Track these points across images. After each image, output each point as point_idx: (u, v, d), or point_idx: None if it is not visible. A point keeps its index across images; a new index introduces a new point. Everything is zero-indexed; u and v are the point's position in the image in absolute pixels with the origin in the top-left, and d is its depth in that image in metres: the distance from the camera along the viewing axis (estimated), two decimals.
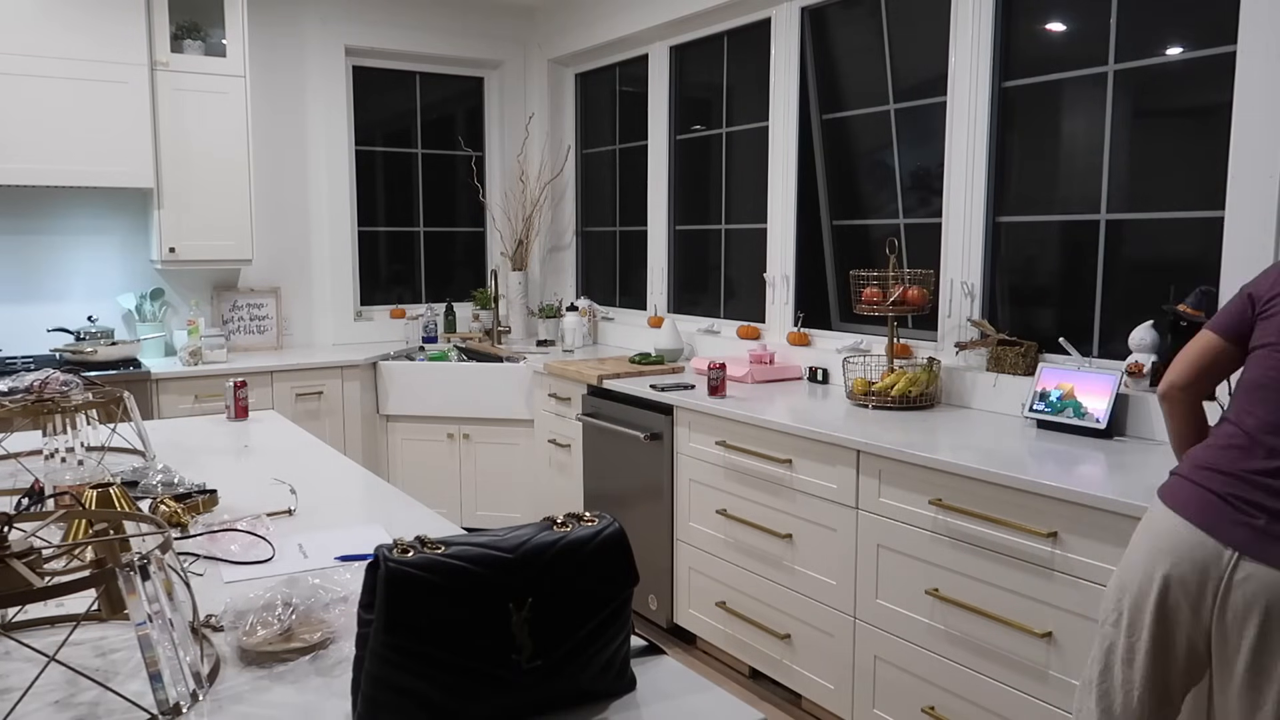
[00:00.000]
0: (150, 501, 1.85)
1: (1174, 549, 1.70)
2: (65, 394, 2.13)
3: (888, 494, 2.59)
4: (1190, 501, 1.71)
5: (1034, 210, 3.04)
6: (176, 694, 1.09)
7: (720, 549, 3.23)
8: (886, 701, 2.66)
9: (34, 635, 1.34)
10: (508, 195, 5.47)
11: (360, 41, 4.95)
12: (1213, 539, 1.66)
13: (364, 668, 1.05)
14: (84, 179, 4.03)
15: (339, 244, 4.99)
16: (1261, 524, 1.62)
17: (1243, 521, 1.64)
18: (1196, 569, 1.67)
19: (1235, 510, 1.66)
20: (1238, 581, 1.63)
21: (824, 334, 3.78)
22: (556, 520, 1.17)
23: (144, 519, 1.30)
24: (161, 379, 4.04)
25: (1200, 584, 1.67)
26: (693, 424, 3.31)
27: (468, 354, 4.94)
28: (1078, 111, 2.91)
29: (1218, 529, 1.66)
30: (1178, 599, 1.70)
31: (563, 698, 1.12)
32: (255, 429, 2.83)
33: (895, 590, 2.60)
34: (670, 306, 4.66)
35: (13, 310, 4.29)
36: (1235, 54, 2.40)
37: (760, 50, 3.98)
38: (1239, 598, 1.62)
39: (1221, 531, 1.66)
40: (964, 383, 3.12)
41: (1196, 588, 1.67)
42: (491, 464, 4.46)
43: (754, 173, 4.10)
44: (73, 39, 3.95)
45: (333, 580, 1.37)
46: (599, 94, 5.23)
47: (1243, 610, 1.62)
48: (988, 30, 3.06)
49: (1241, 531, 1.64)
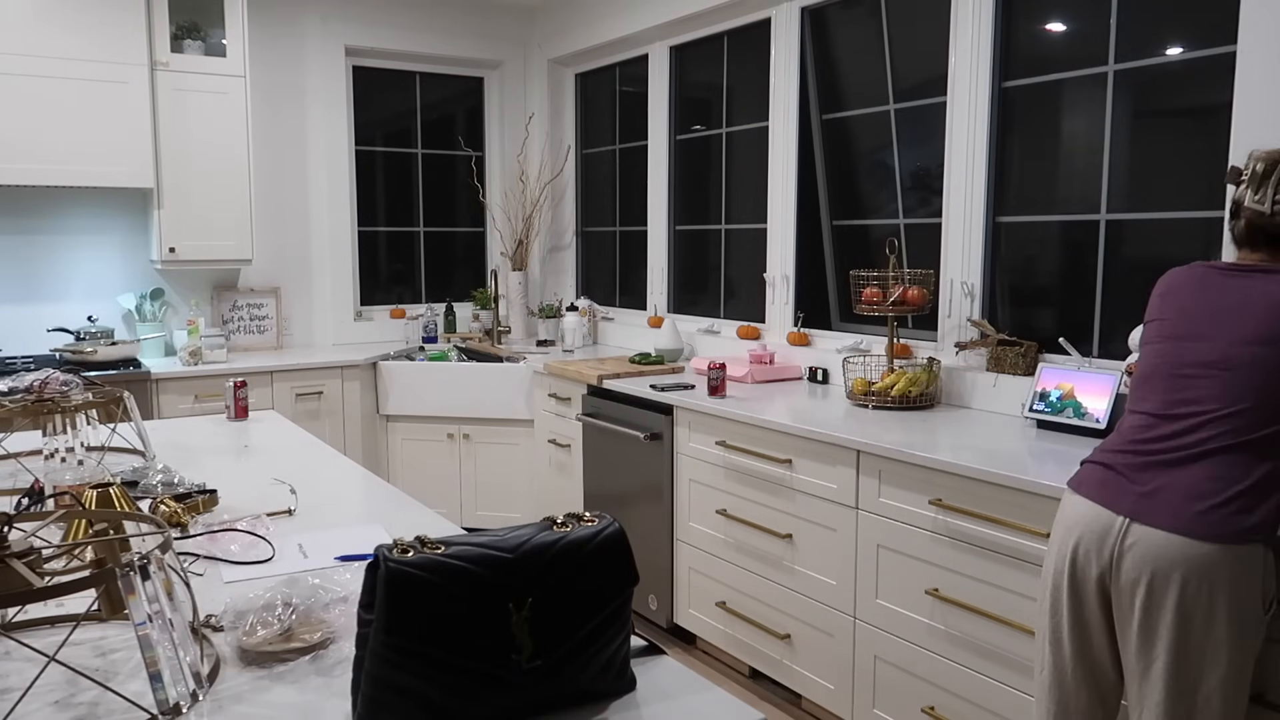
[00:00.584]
0: (150, 501, 1.85)
1: (1076, 527, 1.83)
2: (65, 394, 2.13)
3: (888, 494, 2.59)
4: (1089, 481, 1.86)
5: (1034, 210, 3.04)
6: (176, 694, 1.09)
7: (720, 549, 3.23)
8: (886, 701, 2.66)
9: (34, 635, 1.34)
10: (508, 195, 5.47)
11: (360, 41, 4.95)
12: (1108, 510, 1.79)
13: (364, 668, 1.05)
14: (84, 179, 4.03)
15: (339, 244, 4.99)
16: (1147, 490, 1.75)
17: (1131, 490, 1.77)
18: (1096, 540, 1.80)
19: (1127, 481, 1.79)
20: (1128, 547, 1.74)
21: (824, 334, 3.78)
22: (556, 520, 1.17)
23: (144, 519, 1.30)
24: (161, 379, 4.04)
25: (1100, 553, 1.79)
26: (693, 424, 3.31)
27: (468, 354, 4.94)
28: (1078, 111, 2.91)
29: (1111, 501, 1.79)
30: (1084, 572, 1.82)
31: (563, 698, 1.12)
32: (255, 429, 2.83)
33: (895, 590, 2.60)
34: (670, 306, 4.66)
35: (13, 310, 4.29)
36: (1235, 54, 2.40)
37: (760, 50, 3.98)
38: (1129, 561, 1.74)
39: (1114, 502, 1.78)
40: (964, 383, 3.12)
41: (1096, 558, 1.80)
42: (491, 464, 4.46)
43: (754, 173, 4.10)
44: (73, 39, 3.95)
45: (333, 580, 1.37)
46: (599, 94, 5.23)
47: (1133, 573, 1.73)
48: (988, 30, 3.06)
49: (1129, 499, 1.76)
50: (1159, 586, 1.69)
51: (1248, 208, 1.87)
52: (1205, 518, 1.67)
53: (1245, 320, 1.77)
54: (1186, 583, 1.67)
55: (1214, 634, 1.66)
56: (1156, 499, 1.73)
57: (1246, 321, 1.77)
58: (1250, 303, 1.79)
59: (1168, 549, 1.69)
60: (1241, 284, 1.82)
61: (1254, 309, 1.77)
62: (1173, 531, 1.68)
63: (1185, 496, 1.70)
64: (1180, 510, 1.69)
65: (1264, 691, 1.79)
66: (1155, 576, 1.70)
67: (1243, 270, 1.85)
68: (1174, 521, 1.69)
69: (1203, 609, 1.66)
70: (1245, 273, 1.84)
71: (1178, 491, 1.71)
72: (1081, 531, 1.82)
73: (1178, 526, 1.68)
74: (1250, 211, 1.86)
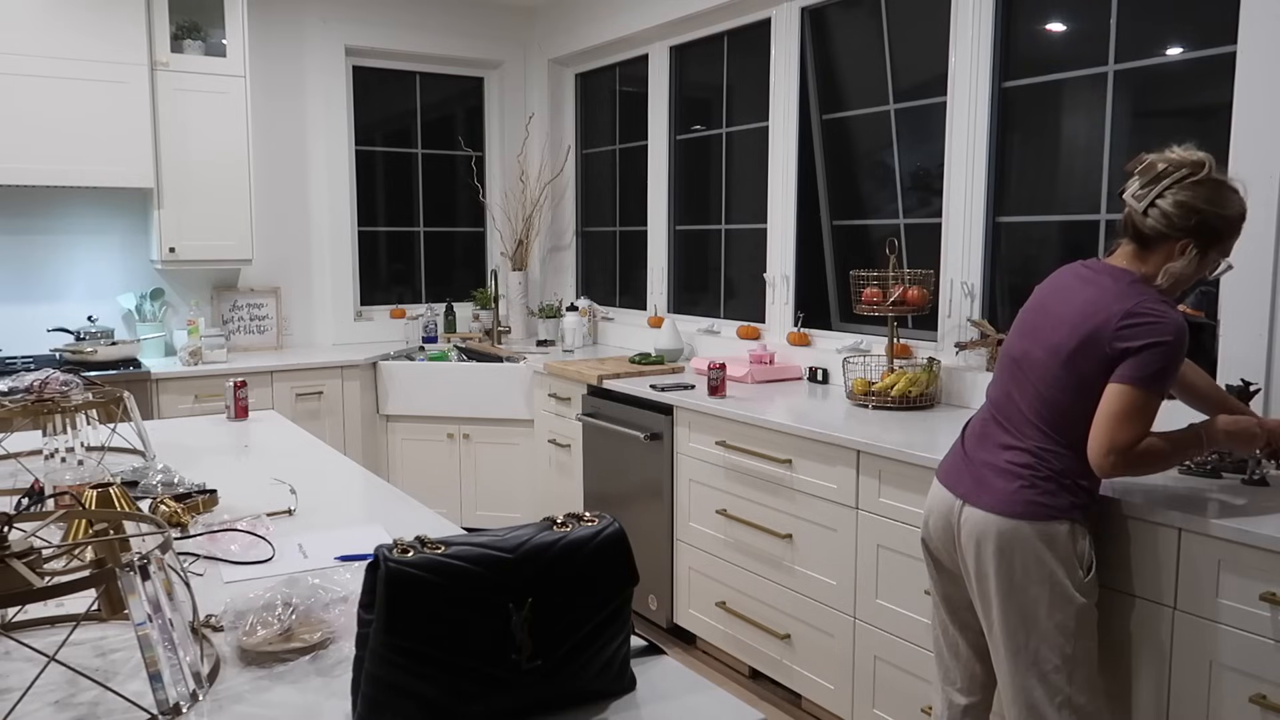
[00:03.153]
0: (150, 501, 1.85)
1: (932, 508, 2.09)
2: (65, 394, 2.13)
3: (888, 494, 2.59)
4: (944, 464, 2.11)
5: (1034, 210, 3.04)
6: (176, 694, 1.09)
7: (720, 549, 3.23)
8: (886, 701, 2.66)
9: (34, 635, 1.34)
10: (508, 195, 5.47)
11: (360, 41, 4.95)
12: (950, 492, 2.03)
13: (364, 668, 1.05)
14: (84, 179, 4.03)
15: (339, 244, 4.99)
16: (976, 474, 1.98)
17: (966, 473, 2.00)
18: (942, 517, 2.04)
19: (964, 464, 2.02)
20: (962, 523, 1.98)
21: (824, 334, 3.78)
22: (556, 520, 1.17)
23: (144, 519, 1.30)
24: (161, 379, 4.04)
25: (946, 530, 2.04)
26: (693, 424, 3.31)
27: (468, 354, 4.94)
28: (1078, 111, 2.91)
29: (952, 483, 2.03)
30: (937, 547, 2.09)
31: (563, 698, 1.12)
32: (255, 429, 2.83)
33: (895, 590, 2.60)
34: (670, 306, 4.66)
35: (13, 310, 4.29)
36: (1235, 54, 2.40)
37: (760, 50, 3.98)
38: (964, 536, 1.97)
39: (955, 485, 2.02)
40: (964, 383, 3.12)
41: (944, 534, 2.04)
42: (491, 464, 4.46)
43: (754, 173, 4.10)
44: (73, 39, 3.95)
45: (333, 580, 1.37)
46: (599, 94, 5.23)
47: (968, 545, 1.97)
48: (988, 30, 3.06)
49: (964, 483, 2.00)
50: (984, 556, 1.93)
51: (1127, 200, 1.94)
52: (1015, 499, 1.89)
53: (1058, 325, 1.92)
54: (1001, 552, 1.90)
55: (1029, 594, 1.88)
56: (981, 484, 1.96)
57: (1059, 327, 1.92)
58: (1067, 309, 1.93)
59: (988, 525, 1.92)
60: (1080, 287, 1.95)
61: (1067, 316, 1.91)
62: (990, 511, 1.92)
63: (1001, 481, 1.93)
64: (997, 493, 1.92)
65: (1264, 692, 1.80)
66: (980, 548, 1.94)
67: (1094, 271, 1.96)
68: (992, 503, 1.92)
69: (1018, 575, 1.89)
70: (1094, 274, 1.96)
71: (996, 476, 1.94)
72: (932, 508, 2.08)
73: (995, 507, 1.91)
74: (1128, 205, 1.93)
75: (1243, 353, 2.39)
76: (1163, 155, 1.89)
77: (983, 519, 1.93)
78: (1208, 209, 1.84)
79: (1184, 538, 1.90)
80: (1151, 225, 1.88)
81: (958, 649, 2.14)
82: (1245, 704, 1.82)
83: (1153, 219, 1.87)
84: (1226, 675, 1.85)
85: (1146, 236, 1.90)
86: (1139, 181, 1.90)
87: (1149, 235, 1.89)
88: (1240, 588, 1.82)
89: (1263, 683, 1.80)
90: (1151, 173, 1.88)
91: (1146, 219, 1.88)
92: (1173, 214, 1.85)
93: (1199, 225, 1.84)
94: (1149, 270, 1.91)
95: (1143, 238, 1.91)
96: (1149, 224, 1.88)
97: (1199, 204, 1.84)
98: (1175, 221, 1.85)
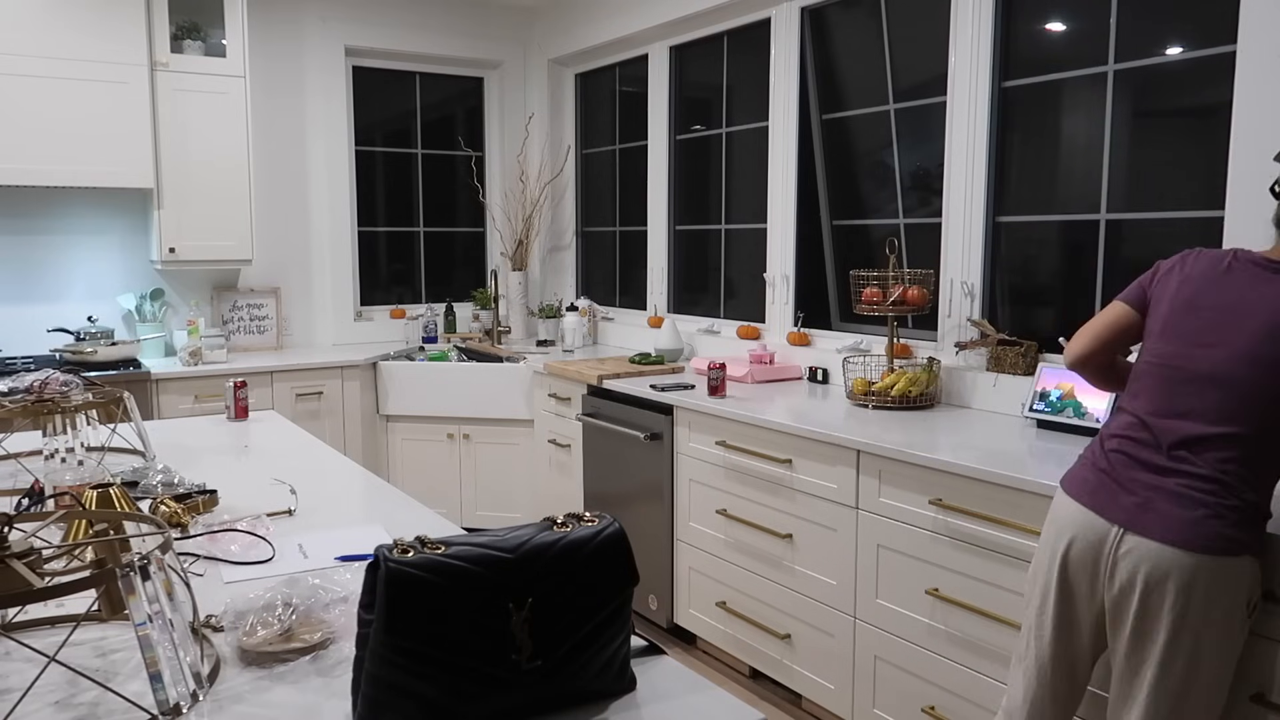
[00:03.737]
0: (150, 501, 1.85)
1: (1070, 530, 1.86)
2: (65, 394, 2.13)
3: (888, 494, 2.59)
4: (1083, 485, 1.87)
5: (1034, 210, 3.04)
6: (176, 694, 1.09)
7: (720, 549, 3.23)
8: (886, 701, 2.66)
9: (34, 635, 1.34)
10: (508, 195, 5.47)
11: (360, 41, 4.95)
12: (1101, 519, 1.81)
13: (364, 668, 1.05)
14: (84, 179, 4.03)
15: (339, 244, 4.99)
16: (1140, 500, 1.77)
17: (1125, 499, 1.78)
18: (1090, 547, 1.82)
19: (1120, 489, 1.80)
20: (1122, 555, 1.77)
21: (824, 334, 3.78)
22: (556, 520, 1.17)
23: (144, 519, 1.30)
24: (161, 379, 4.04)
25: (1094, 560, 1.82)
26: (693, 424, 3.31)
27: (468, 354, 4.94)
28: (1078, 111, 2.91)
29: (1106, 508, 1.81)
30: (1076, 575, 1.85)
31: (563, 698, 1.12)
32: (255, 429, 2.83)
33: (895, 590, 2.60)
34: (670, 306, 4.66)
35: (13, 310, 4.29)
36: (1235, 54, 2.40)
37: (760, 50, 3.98)
38: (1124, 569, 1.76)
39: (1108, 510, 1.80)
40: (964, 383, 3.12)
41: (1091, 564, 1.83)
42: (491, 464, 4.46)
43: (754, 173, 4.10)
44: (73, 39, 3.95)
45: (333, 580, 1.36)
46: (599, 94, 5.23)
47: (1127, 580, 1.76)
48: (988, 30, 3.06)
49: (1122, 508, 1.78)
50: (1154, 593, 1.72)
51: None
52: (1196, 530, 1.69)
53: (1247, 333, 1.73)
54: (1180, 591, 1.70)
55: (1204, 638, 1.70)
56: (1149, 510, 1.74)
57: (1249, 335, 1.73)
58: (1256, 313, 1.74)
59: (1162, 559, 1.71)
60: (1257, 284, 1.76)
61: (1258, 321, 1.73)
62: (1165, 543, 1.71)
63: (1177, 509, 1.72)
64: (1172, 522, 1.71)
65: (1265, 692, 1.80)
66: (1150, 583, 1.73)
67: (1260, 266, 1.78)
68: (1166, 534, 1.71)
69: (1195, 615, 1.70)
70: (1260, 270, 1.78)
71: (1169, 503, 1.73)
72: (1074, 534, 1.85)
73: (1170, 538, 1.71)
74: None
75: None
76: None
77: (1156, 551, 1.71)
78: None
79: None
80: None
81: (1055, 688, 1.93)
82: (1245, 703, 1.82)
83: None
84: None
85: None
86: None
87: None
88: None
89: (1263, 682, 1.80)
90: None
91: None
92: None
93: None
94: None
95: None
96: None
97: None
98: None
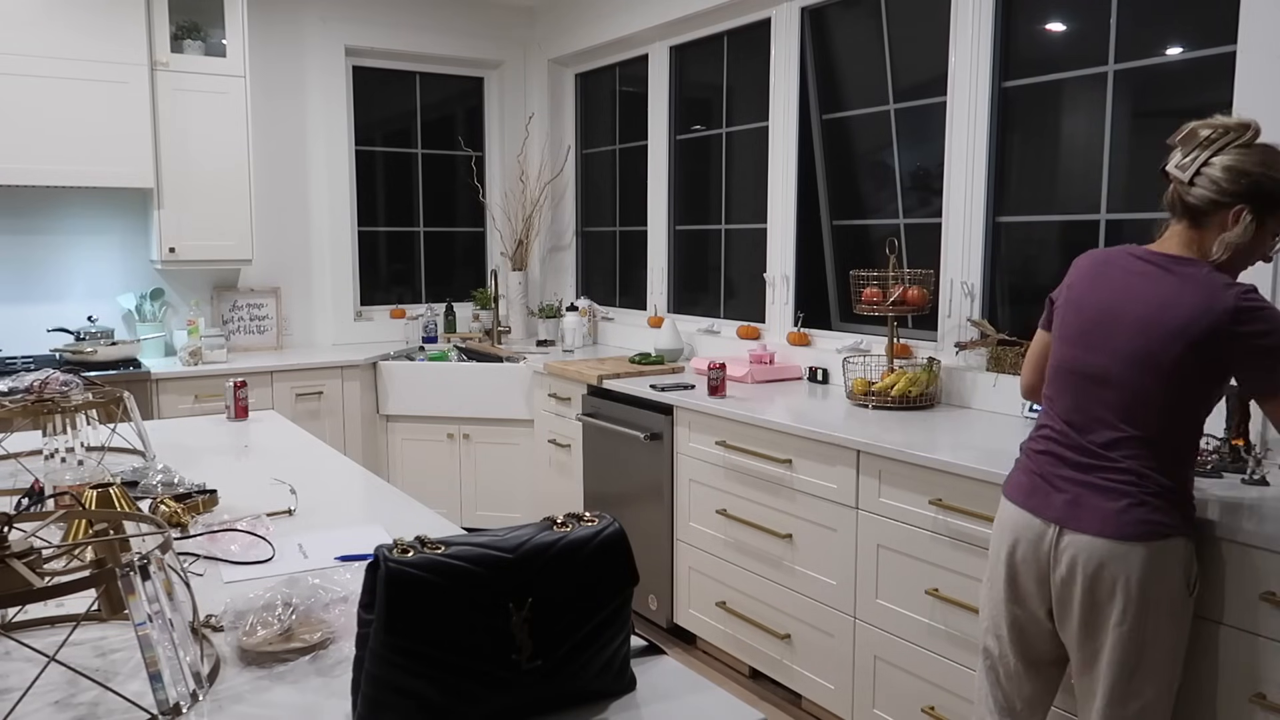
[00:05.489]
0: (150, 501, 1.85)
1: (1012, 533, 1.91)
2: (65, 394, 2.13)
3: (888, 494, 2.59)
4: (1019, 488, 1.92)
5: (1034, 210, 3.04)
6: (176, 694, 1.09)
7: (720, 549, 3.23)
8: (886, 701, 2.66)
9: (34, 635, 1.34)
10: (508, 195, 5.47)
11: (360, 41, 4.95)
12: (1038, 519, 1.86)
13: (364, 668, 1.05)
14: (84, 179, 4.03)
15: (339, 244, 4.99)
16: (1070, 496, 1.81)
17: (1057, 497, 1.83)
18: (1031, 546, 1.87)
19: (1052, 489, 1.85)
20: (1061, 551, 1.81)
21: (824, 334, 3.78)
22: (556, 520, 1.17)
23: (144, 519, 1.30)
24: (161, 379, 4.04)
25: (1036, 559, 1.86)
26: (693, 424, 3.31)
27: (468, 354, 4.94)
28: (1078, 111, 2.91)
29: (1040, 508, 1.86)
30: (1024, 576, 1.90)
31: (563, 698, 1.12)
32: (255, 429, 2.83)
33: (895, 590, 2.60)
34: (670, 306, 4.66)
35: (13, 310, 4.29)
36: (1235, 54, 2.40)
37: (760, 50, 3.98)
38: (1064, 565, 1.81)
39: (1043, 510, 1.85)
40: (964, 383, 3.12)
41: (1034, 563, 1.87)
42: (491, 464, 4.46)
43: (754, 173, 4.10)
44: (73, 39, 3.95)
45: (333, 580, 1.36)
46: (599, 94, 5.23)
47: (1068, 574, 1.81)
48: (988, 30, 3.06)
49: (1056, 507, 1.83)
50: (1094, 584, 1.78)
51: (1171, 171, 1.80)
52: (1125, 520, 1.74)
53: (1132, 335, 1.77)
54: (1118, 579, 1.75)
55: (1149, 620, 1.75)
56: (1080, 506, 1.80)
57: (1133, 337, 1.77)
58: (1135, 311, 1.78)
59: (1096, 551, 1.76)
60: (1138, 284, 1.80)
61: (1138, 322, 1.76)
62: (1098, 536, 1.76)
63: (1105, 502, 1.77)
64: (1102, 515, 1.77)
65: (1264, 692, 1.80)
66: (1089, 576, 1.78)
67: (1147, 262, 1.81)
68: (1097, 527, 1.76)
69: (1136, 600, 1.74)
70: (1147, 265, 1.81)
71: (1097, 497, 1.78)
72: (1016, 536, 1.90)
73: (1103, 531, 1.76)
74: (1172, 177, 1.80)
75: None
76: (1205, 122, 1.77)
77: (1089, 544, 1.76)
78: (1259, 171, 1.71)
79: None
80: (1200, 194, 1.75)
81: (1020, 678, 1.97)
82: (1245, 704, 1.82)
83: (1200, 187, 1.74)
84: (1227, 674, 1.85)
85: (1197, 209, 1.76)
86: (1181, 152, 1.78)
87: (1199, 207, 1.76)
88: (1241, 587, 1.82)
89: (1263, 682, 1.80)
90: (1195, 140, 1.76)
91: (1193, 188, 1.75)
92: (1221, 179, 1.73)
93: (1251, 189, 1.71)
94: (1207, 248, 1.77)
95: (1194, 212, 1.77)
96: (1196, 193, 1.75)
97: (1249, 167, 1.72)
98: (1225, 187, 1.72)
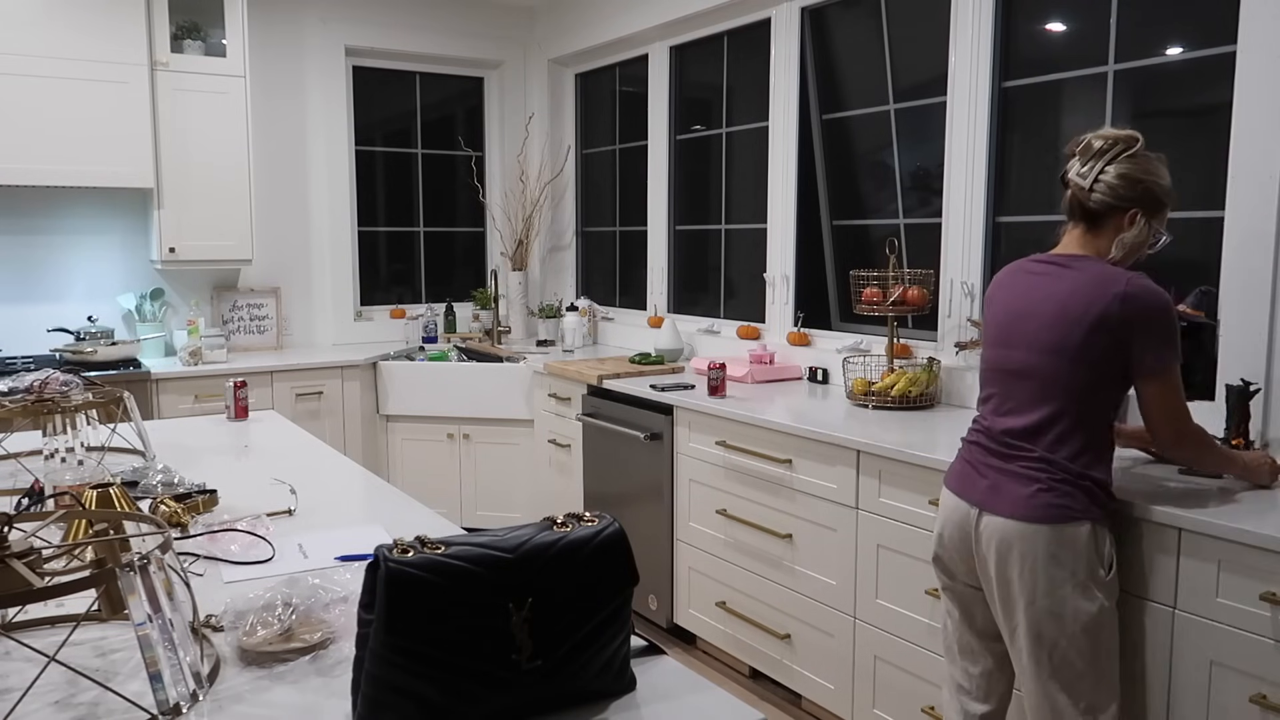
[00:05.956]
0: (150, 501, 1.85)
1: (944, 517, 2.09)
2: (65, 394, 2.13)
3: (888, 494, 2.59)
4: (953, 476, 2.10)
5: (1034, 210, 3.04)
6: (176, 694, 1.09)
7: (720, 549, 3.23)
8: (886, 701, 2.66)
9: (34, 635, 1.34)
10: (508, 195, 5.47)
11: (360, 41, 4.95)
12: (965, 502, 2.02)
13: (364, 668, 1.05)
14: (84, 179, 4.03)
15: (339, 244, 4.99)
16: (991, 482, 1.98)
17: (980, 483, 2.00)
18: (958, 528, 2.04)
19: (977, 475, 2.02)
20: (980, 531, 1.98)
21: (824, 334, 3.78)
22: (556, 520, 1.17)
23: (144, 519, 1.30)
24: (161, 379, 4.04)
25: (963, 540, 2.03)
26: (693, 424, 3.31)
27: (468, 354, 4.94)
28: (1078, 111, 2.91)
29: (966, 492, 2.03)
30: (951, 556, 2.08)
31: (563, 698, 1.12)
32: (255, 429, 2.83)
33: (895, 590, 2.60)
34: (670, 306, 4.66)
35: (13, 310, 4.29)
36: (1235, 54, 2.40)
37: (760, 50, 3.98)
38: (983, 545, 1.97)
39: (968, 494, 2.02)
40: (964, 383, 3.12)
41: (960, 543, 2.04)
42: (491, 464, 4.46)
43: (754, 173, 4.10)
44: (73, 39, 3.95)
45: (333, 580, 1.37)
46: (599, 94, 5.23)
47: (985, 553, 1.97)
48: (988, 30, 3.06)
49: (978, 491, 2.00)
50: (1005, 563, 1.93)
51: (1072, 179, 1.99)
52: (1032, 504, 1.90)
53: (1041, 328, 1.94)
54: (1024, 557, 1.90)
55: (1053, 598, 1.88)
56: (997, 491, 1.96)
57: (1041, 329, 1.94)
58: (1043, 307, 1.95)
59: (1007, 532, 1.92)
60: (1042, 284, 1.98)
61: (1046, 315, 1.94)
62: (1009, 518, 1.92)
63: (1018, 487, 1.93)
64: (1013, 500, 1.92)
65: (1265, 693, 1.80)
66: (1001, 554, 1.93)
67: (1048, 264, 2.00)
68: (1011, 510, 1.92)
69: (1042, 580, 1.88)
70: (1049, 266, 1.99)
71: (1012, 483, 1.94)
72: (946, 518, 2.08)
73: (1014, 514, 1.91)
74: (1073, 184, 1.99)
75: (1243, 353, 2.39)
76: (1097, 134, 1.98)
77: (1002, 525, 1.92)
78: (1148, 178, 1.94)
79: (1184, 537, 1.90)
80: (1099, 199, 1.95)
81: (974, 658, 2.11)
82: (1245, 704, 1.82)
83: (1099, 193, 1.95)
84: (1227, 675, 1.85)
85: (1095, 213, 1.97)
86: (1079, 161, 1.98)
87: (1098, 211, 1.96)
88: (1240, 587, 1.82)
89: (1263, 683, 1.80)
90: (1091, 151, 1.97)
91: (1093, 194, 1.95)
92: (1118, 185, 1.94)
93: (1144, 194, 1.94)
94: (1103, 246, 1.98)
95: (1092, 215, 1.97)
96: (1096, 198, 1.95)
97: (1140, 174, 1.94)
98: (1121, 192, 1.94)
